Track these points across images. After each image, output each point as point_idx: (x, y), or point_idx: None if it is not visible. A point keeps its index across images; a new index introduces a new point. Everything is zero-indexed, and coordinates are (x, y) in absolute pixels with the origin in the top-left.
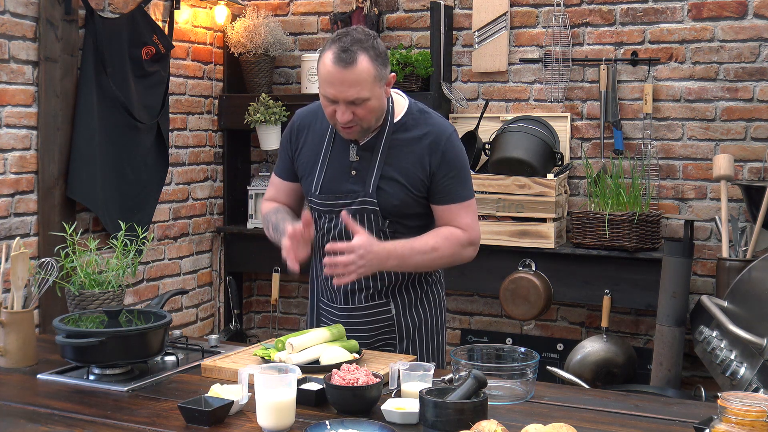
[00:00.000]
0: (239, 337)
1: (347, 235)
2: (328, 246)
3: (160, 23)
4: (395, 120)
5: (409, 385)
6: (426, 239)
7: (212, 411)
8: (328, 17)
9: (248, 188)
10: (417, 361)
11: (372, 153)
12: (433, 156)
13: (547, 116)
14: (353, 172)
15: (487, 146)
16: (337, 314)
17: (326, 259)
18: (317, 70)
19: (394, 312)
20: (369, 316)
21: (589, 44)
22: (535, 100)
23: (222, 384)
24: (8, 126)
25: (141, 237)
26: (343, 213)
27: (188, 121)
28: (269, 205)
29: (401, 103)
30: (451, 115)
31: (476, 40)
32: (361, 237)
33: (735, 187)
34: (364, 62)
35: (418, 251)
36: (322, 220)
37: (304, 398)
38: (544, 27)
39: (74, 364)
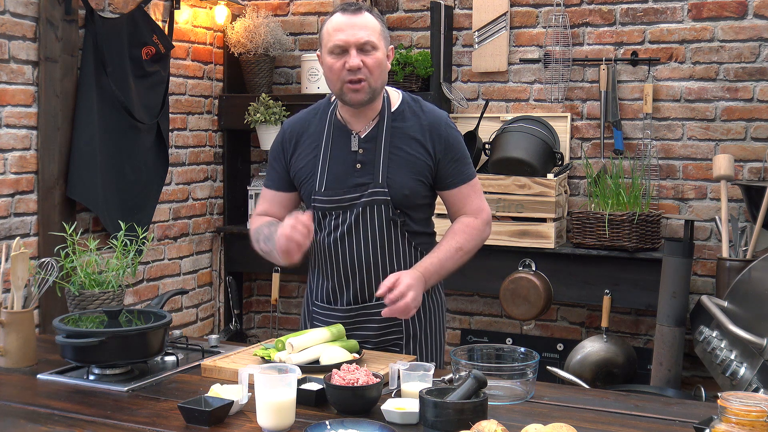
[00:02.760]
0: (239, 337)
1: (354, 231)
2: (381, 293)
3: (160, 23)
4: (392, 109)
5: (409, 385)
6: (448, 243)
7: (212, 411)
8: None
9: (248, 188)
10: (418, 360)
11: (375, 143)
12: (437, 142)
13: (547, 116)
14: (358, 166)
15: (487, 146)
16: (341, 315)
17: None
18: (321, 37)
19: None
20: (378, 314)
21: (589, 44)
22: (535, 100)
23: (222, 384)
24: (8, 126)
25: (141, 237)
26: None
27: (188, 121)
28: (261, 219)
29: (395, 95)
30: (451, 115)
31: (476, 40)
32: (400, 278)
33: (735, 187)
34: (370, 15)
35: (447, 258)
36: (327, 219)
37: (304, 398)
38: (544, 27)
39: (74, 364)
